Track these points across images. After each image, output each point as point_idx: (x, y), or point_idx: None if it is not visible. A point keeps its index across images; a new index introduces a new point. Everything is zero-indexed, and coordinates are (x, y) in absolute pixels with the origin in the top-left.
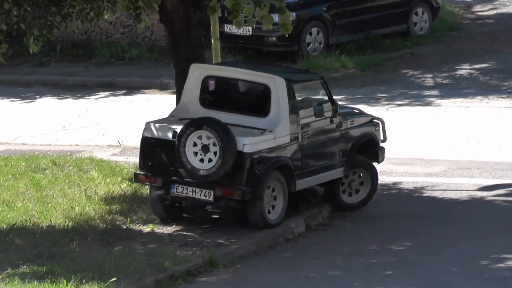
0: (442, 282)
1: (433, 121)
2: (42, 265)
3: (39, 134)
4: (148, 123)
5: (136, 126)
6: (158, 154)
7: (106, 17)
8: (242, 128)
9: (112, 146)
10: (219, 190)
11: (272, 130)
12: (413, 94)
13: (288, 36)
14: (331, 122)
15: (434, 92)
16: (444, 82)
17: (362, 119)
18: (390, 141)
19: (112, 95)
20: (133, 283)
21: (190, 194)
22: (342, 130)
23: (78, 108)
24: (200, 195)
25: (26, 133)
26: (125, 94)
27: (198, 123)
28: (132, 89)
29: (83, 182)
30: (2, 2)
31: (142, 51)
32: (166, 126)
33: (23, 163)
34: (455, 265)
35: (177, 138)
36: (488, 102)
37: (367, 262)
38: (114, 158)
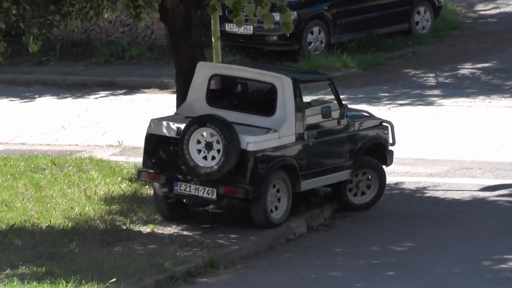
0: (443, 283)
1: (435, 120)
2: (41, 265)
3: (39, 134)
4: (152, 120)
5: (136, 125)
6: (162, 152)
7: (106, 16)
8: (247, 126)
9: (112, 146)
10: (222, 188)
11: (277, 129)
12: (415, 93)
13: (289, 35)
14: (339, 123)
15: (436, 91)
16: (446, 81)
17: (370, 122)
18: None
19: (112, 95)
20: (133, 284)
21: (193, 192)
22: (349, 132)
23: (77, 107)
24: (203, 193)
25: (25, 132)
26: (125, 94)
27: (202, 121)
28: (132, 88)
29: (83, 182)
30: (1, 1)
31: (142, 50)
32: (171, 124)
33: (22, 163)
34: (457, 265)
35: (180, 135)
36: (490, 102)
37: (368, 263)
38: (114, 158)
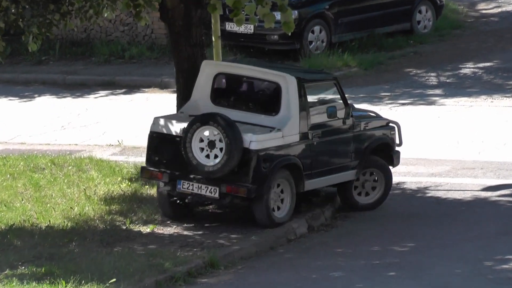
0: (445, 284)
1: (436, 120)
2: (41, 266)
3: (38, 134)
4: (156, 118)
5: (136, 125)
6: (165, 150)
7: (105, 15)
8: (251, 125)
9: (111, 145)
10: (225, 186)
11: (280, 128)
12: (416, 93)
13: (290, 34)
14: (344, 123)
15: (438, 91)
16: (448, 81)
17: (377, 122)
18: None
19: (111, 94)
20: (133, 284)
21: (196, 191)
22: (355, 132)
23: (77, 107)
24: (205, 192)
25: (25, 132)
26: (125, 93)
27: (205, 119)
28: (132, 88)
29: (82, 182)
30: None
31: (142, 50)
32: (174, 122)
33: (22, 163)
34: (458, 266)
35: (183, 133)
36: (492, 101)
37: (370, 263)
38: (114, 158)
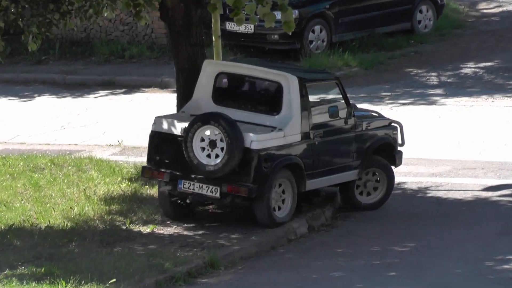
0: (445, 284)
1: (437, 120)
2: (40, 266)
3: (38, 133)
4: (157, 118)
5: (136, 125)
6: (166, 149)
7: (105, 14)
8: (252, 125)
9: (111, 145)
10: (226, 186)
11: (282, 128)
12: (417, 93)
13: (290, 34)
14: (346, 123)
15: (439, 91)
16: (448, 80)
17: (379, 122)
18: None
19: (111, 94)
20: (133, 285)
21: (196, 190)
22: (357, 132)
23: (77, 107)
24: (206, 191)
25: (24, 132)
26: (125, 93)
27: (206, 118)
28: (132, 87)
29: (82, 182)
30: None
31: (142, 49)
32: (175, 121)
33: (21, 163)
34: (459, 266)
35: (184, 132)
36: (493, 101)
37: (370, 264)
38: (114, 158)
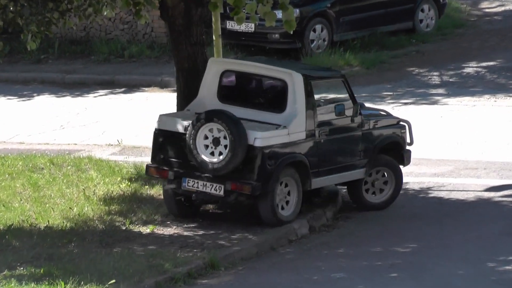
0: (448, 285)
1: (439, 120)
2: (39, 266)
3: (37, 133)
4: (162, 115)
5: (135, 125)
6: (170, 147)
7: (105, 13)
8: (256, 123)
9: (111, 145)
10: (229, 184)
11: (286, 126)
12: (419, 92)
13: (291, 33)
14: (352, 121)
15: (441, 90)
16: (450, 80)
17: (387, 121)
18: None
19: (111, 93)
20: (132, 285)
21: (201, 188)
22: (364, 130)
23: (76, 106)
24: (210, 189)
25: (23, 131)
26: (124, 92)
27: (209, 116)
28: (131, 87)
29: (82, 182)
30: None
31: (142, 48)
32: (180, 119)
33: (20, 163)
34: (461, 267)
35: (187, 130)
36: (495, 101)
37: (372, 264)
38: (113, 158)
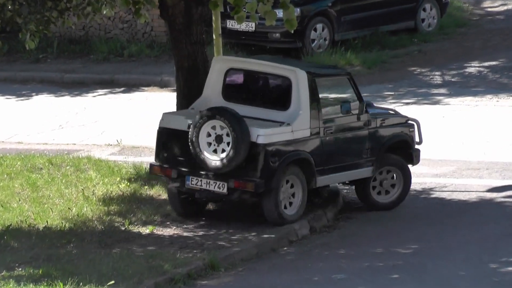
0: (449, 286)
1: (441, 120)
2: (38, 267)
3: (35, 133)
4: (165, 114)
5: (135, 124)
6: (174, 145)
7: (104, 12)
8: (260, 120)
9: (110, 145)
10: (232, 182)
11: (290, 123)
12: (420, 92)
13: (292, 32)
14: (358, 119)
15: (443, 90)
16: (452, 80)
17: (394, 119)
18: None
19: (110, 93)
20: (131, 286)
21: (204, 186)
22: (370, 128)
23: (75, 106)
24: (214, 187)
25: (22, 131)
26: (124, 92)
27: (212, 113)
28: (131, 86)
29: (81, 182)
30: None
31: (141, 48)
32: (183, 117)
33: (19, 163)
34: (464, 268)
35: (190, 127)
36: (498, 101)
37: (373, 266)
38: (113, 158)
